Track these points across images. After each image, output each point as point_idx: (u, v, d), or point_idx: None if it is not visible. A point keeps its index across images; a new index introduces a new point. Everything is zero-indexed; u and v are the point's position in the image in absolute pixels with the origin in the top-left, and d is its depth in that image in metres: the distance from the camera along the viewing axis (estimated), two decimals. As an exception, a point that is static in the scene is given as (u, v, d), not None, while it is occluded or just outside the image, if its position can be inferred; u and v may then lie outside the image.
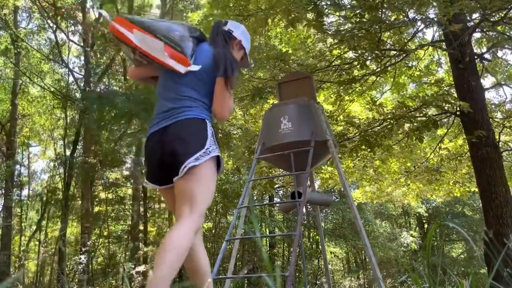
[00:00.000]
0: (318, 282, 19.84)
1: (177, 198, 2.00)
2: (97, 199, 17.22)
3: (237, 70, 2.20)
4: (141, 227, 16.50)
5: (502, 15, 5.94)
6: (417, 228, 24.37)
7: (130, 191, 16.95)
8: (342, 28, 6.09)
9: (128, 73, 2.46)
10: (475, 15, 6.47)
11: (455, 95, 6.84)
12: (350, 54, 7.56)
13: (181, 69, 2.12)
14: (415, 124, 6.76)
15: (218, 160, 2.12)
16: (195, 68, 2.14)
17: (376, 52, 6.32)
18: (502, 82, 8.92)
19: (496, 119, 8.17)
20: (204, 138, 2.04)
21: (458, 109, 6.47)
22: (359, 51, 6.46)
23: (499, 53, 8.95)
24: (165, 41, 2.11)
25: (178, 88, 2.15)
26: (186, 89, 2.14)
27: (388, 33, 7.35)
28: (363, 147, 7.31)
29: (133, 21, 2.16)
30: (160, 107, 2.17)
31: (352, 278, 23.34)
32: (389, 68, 7.85)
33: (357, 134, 7.48)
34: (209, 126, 2.12)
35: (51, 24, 15.99)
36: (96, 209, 17.26)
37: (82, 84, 15.79)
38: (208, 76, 2.17)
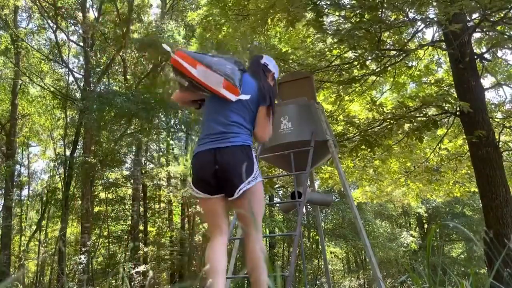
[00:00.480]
0: (318, 282, 19.84)
1: (240, 215, 2.52)
2: (97, 199, 17.20)
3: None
4: (141, 227, 16.50)
5: (502, 15, 5.94)
6: (417, 228, 24.37)
7: (130, 191, 16.94)
8: (341, 28, 6.09)
9: (173, 96, 2.82)
10: (475, 15, 6.47)
11: (455, 95, 6.83)
12: (350, 54, 7.55)
13: (232, 97, 2.50)
14: (415, 124, 6.76)
15: None
16: (245, 97, 2.55)
17: (376, 52, 6.31)
18: (502, 82, 8.91)
19: (496, 119, 8.16)
20: (252, 164, 2.49)
21: (458, 109, 6.46)
22: (359, 51, 6.45)
23: (499, 53, 8.93)
24: (220, 73, 2.50)
25: (227, 113, 2.56)
26: (233, 115, 2.56)
27: (388, 33, 7.35)
28: (363, 147, 7.31)
29: (194, 57, 2.53)
30: (211, 129, 2.57)
31: (352, 278, 23.34)
32: (389, 68, 7.84)
33: (357, 134, 7.48)
34: (253, 151, 2.57)
35: (51, 24, 15.98)
36: (96, 209, 17.23)
37: (82, 84, 15.79)
38: (252, 104, 2.60)
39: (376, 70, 7.65)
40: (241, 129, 2.55)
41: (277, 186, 17.34)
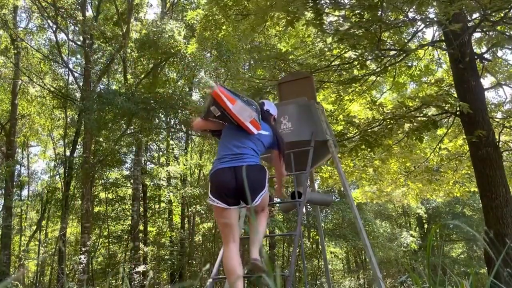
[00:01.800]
0: (318, 282, 19.84)
1: (257, 210, 3.23)
2: (97, 199, 17.18)
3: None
4: (141, 227, 16.49)
5: (502, 15, 5.94)
6: (417, 228, 24.36)
7: (130, 191, 16.93)
8: (341, 28, 6.09)
9: (194, 123, 3.41)
10: (475, 15, 6.47)
11: (455, 95, 6.83)
12: (350, 54, 7.55)
13: (255, 131, 3.18)
14: (415, 124, 6.76)
15: None
16: (265, 132, 3.28)
17: (376, 52, 6.31)
18: (502, 82, 8.91)
19: (496, 119, 8.15)
20: (265, 180, 3.15)
21: (458, 109, 6.46)
22: (359, 51, 6.45)
23: (499, 53, 8.94)
24: (249, 112, 3.13)
25: (244, 140, 3.18)
26: (249, 142, 3.18)
27: (388, 33, 7.35)
28: (363, 147, 7.31)
29: (232, 96, 3.14)
30: (229, 150, 3.15)
31: (352, 278, 23.34)
32: (389, 68, 7.83)
33: (357, 134, 7.47)
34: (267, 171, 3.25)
35: (51, 24, 15.97)
36: (96, 209, 17.22)
37: (81, 84, 15.77)
38: (264, 140, 3.28)
39: (376, 70, 7.65)
40: (254, 153, 3.17)
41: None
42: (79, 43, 16.64)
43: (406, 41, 7.42)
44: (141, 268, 13.75)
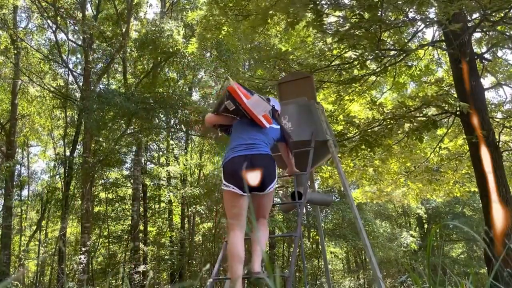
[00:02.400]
0: (318, 282, 19.83)
1: (261, 205, 3.33)
2: (97, 199, 17.17)
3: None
4: (141, 227, 16.48)
5: (502, 15, 5.94)
6: (417, 228, 24.36)
7: (130, 191, 16.92)
8: (341, 29, 6.08)
9: (206, 118, 3.57)
10: (475, 15, 6.47)
11: (455, 95, 6.83)
12: (350, 54, 7.55)
13: (267, 124, 3.36)
14: (415, 124, 6.76)
15: None
16: (276, 126, 3.47)
17: (376, 52, 6.31)
18: (502, 82, 8.91)
19: (496, 119, 8.16)
20: (275, 170, 3.29)
21: (458, 109, 6.46)
22: (359, 51, 6.45)
23: (499, 53, 8.94)
24: (263, 106, 3.29)
25: (255, 133, 3.35)
26: (260, 134, 3.36)
27: (388, 33, 7.35)
28: (363, 147, 7.31)
29: (247, 91, 3.35)
30: (243, 140, 3.30)
31: (352, 278, 23.33)
32: (389, 68, 7.83)
33: (357, 134, 7.47)
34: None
35: (51, 24, 15.96)
36: (96, 209, 17.21)
37: (81, 84, 15.77)
38: (272, 133, 3.44)
39: (376, 70, 7.66)
40: (265, 144, 3.33)
41: (277, 186, 17.30)
42: (79, 42, 16.63)
43: (406, 41, 7.42)
44: (141, 268, 13.75)
